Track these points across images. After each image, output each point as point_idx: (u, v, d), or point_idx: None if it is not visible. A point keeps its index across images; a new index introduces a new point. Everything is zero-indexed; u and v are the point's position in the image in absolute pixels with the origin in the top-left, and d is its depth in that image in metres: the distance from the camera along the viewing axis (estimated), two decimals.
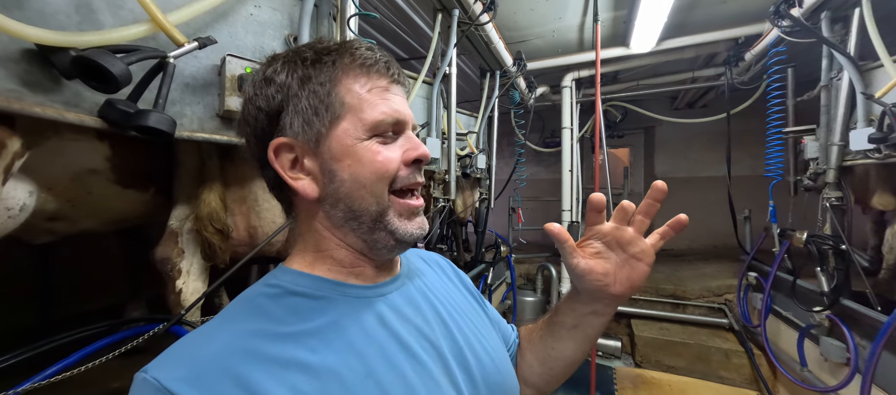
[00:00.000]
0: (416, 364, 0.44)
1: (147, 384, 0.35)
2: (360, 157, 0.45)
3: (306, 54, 0.46)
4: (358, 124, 0.45)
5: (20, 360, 0.82)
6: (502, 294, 3.73)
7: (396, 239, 0.47)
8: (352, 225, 0.47)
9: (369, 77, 0.46)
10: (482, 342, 0.54)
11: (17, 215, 0.75)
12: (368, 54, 0.47)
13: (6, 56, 0.61)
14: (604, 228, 0.53)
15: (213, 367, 0.36)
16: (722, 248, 4.58)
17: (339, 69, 0.46)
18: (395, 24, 2.73)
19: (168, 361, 0.38)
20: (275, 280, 0.47)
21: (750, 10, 2.66)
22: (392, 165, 0.46)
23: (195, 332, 0.42)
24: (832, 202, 2.00)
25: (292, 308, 0.44)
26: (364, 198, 0.45)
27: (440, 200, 2.22)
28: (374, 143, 0.45)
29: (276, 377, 0.37)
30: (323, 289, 0.46)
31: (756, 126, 3.23)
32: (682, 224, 0.50)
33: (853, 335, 1.83)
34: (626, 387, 2.81)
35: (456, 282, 0.65)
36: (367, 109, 0.45)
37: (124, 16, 0.76)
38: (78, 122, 0.69)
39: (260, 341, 0.39)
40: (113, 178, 0.92)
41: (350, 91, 0.46)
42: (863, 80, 1.83)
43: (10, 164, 0.66)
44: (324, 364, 0.39)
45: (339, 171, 0.45)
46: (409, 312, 0.49)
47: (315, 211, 0.48)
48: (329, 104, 0.45)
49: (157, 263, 1.05)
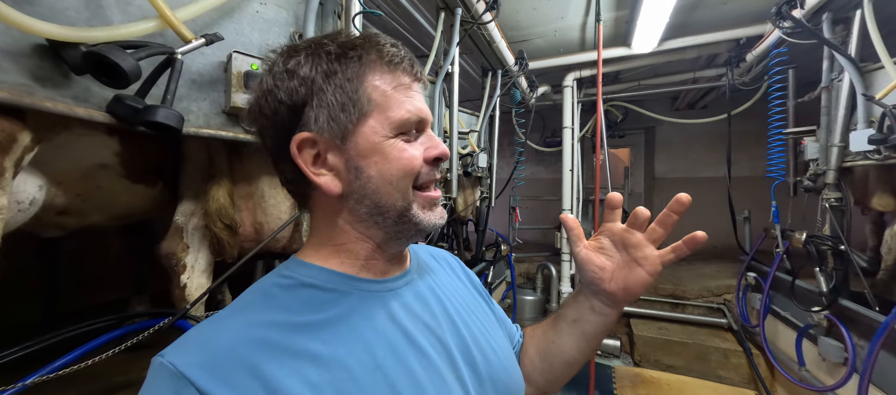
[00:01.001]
0: (424, 359, 0.45)
1: (164, 369, 0.36)
2: (388, 154, 0.45)
3: (329, 48, 0.45)
4: (385, 122, 0.45)
5: (28, 353, 0.83)
6: (502, 293, 3.74)
7: (419, 229, 0.48)
8: (376, 220, 0.47)
9: (395, 75, 0.47)
10: (489, 340, 0.54)
11: (27, 209, 0.76)
12: (394, 52, 0.47)
13: (17, 51, 0.62)
14: (615, 227, 0.55)
15: (228, 355, 0.37)
16: (721, 248, 4.59)
17: (366, 65, 0.45)
18: (398, 22, 2.73)
19: (184, 347, 0.39)
20: (288, 272, 0.47)
21: (751, 11, 2.67)
22: (417, 162, 0.46)
23: (211, 319, 0.42)
24: (831, 203, 2.01)
25: (305, 300, 0.44)
26: (390, 194, 0.46)
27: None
28: (400, 141, 0.46)
29: (288, 368, 0.38)
30: (335, 282, 0.47)
31: (755, 127, 3.24)
32: (697, 242, 0.50)
33: (851, 334, 1.84)
34: (624, 386, 2.82)
35: (464, 280, 0.65)
36: (393, 106, 0.45)
37: (133, 12, 0.76)
38: (87, 117, 0.69)
39: (273, 331, 0.40)
40: (122, 173, 0.93)
41: (376, 88, 0.45)
42: (863, 81, 1.83)
43: (20, 158, 0.66)
44: (334, 356, 0.40)
45: (366, 167, 0.45)
46: (418, 308, 0.50)
47: (337, 206, 0.48)
48: (357, 101, 0.45)
49: (163, 257, 1.05)
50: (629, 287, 0.54)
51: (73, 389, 1.13)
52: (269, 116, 0.46)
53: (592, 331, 0.59)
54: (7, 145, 0.63)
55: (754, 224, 3.19)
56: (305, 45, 0.47)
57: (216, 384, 0.35)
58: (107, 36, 0.67)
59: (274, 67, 0.46)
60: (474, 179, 2.93)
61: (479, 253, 3.00)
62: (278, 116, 0.46)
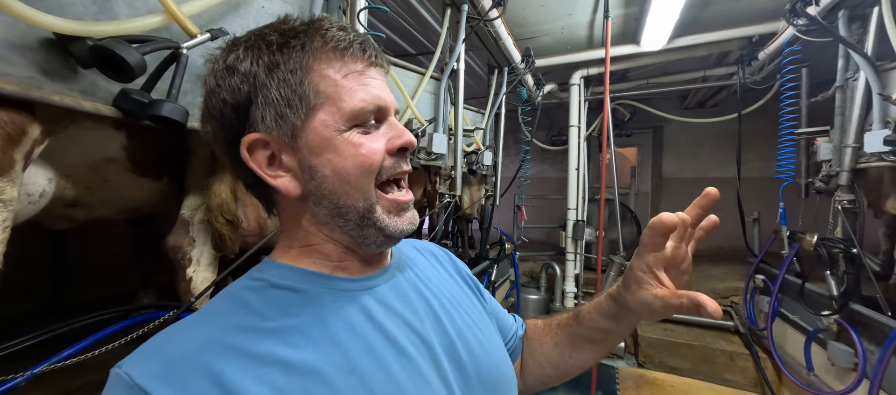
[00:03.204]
0: (403, 359, 0.42)
1: (120, 380, 0.34)
2: (341, 150, 0.41)
3: (271, 38, 0.42)
4: (336, 114, 0.41)
5: (37, 342, 0.84)
6: (506, 291, 3.73)
7: (386, 235, 0.45)
8: (338, 222, 0.44)
9: (344, 61, 0.42)
10: (476, 333, 0.52)
11: (37, 201, 0.77)
12: (341, 35, 0.42)
13: (26, 45, 0.63)
14: (662, 256, 0.47)
15: (188, 363, 0.35)
16: (729, 250, 4.53)
17: (310, 53, 0.41)
18: (404, 18, 2.72)
19: (143, 356, 0.37)
20: (259, 274, 0.45)
21: (764, 8, 2.61)
22: (376, 156, 0.43)
23: (174, 326, 0.40)
24: (844, 205, 1.96)
25: (275, 302, 0.42)
26: (349, 194, 0.42)
27: (446, 195, 2.23)
28: (355, 133, 0.42)
29: (252, 374, 0.36)
30: (307, 282, 0.44)
31: (766, 127, 3.18)
32: (713, 224, 0.48)
33: (862, 339, 1.80)
34: (628, 387, 2.80)
35: (451, 271, 0.62)
36: (345, 96, 0.41)
37: (139, 6, 0.77)
38: (94, 110, 0.70)
39: (239, 335, 0.38)
40: (128, 166, 0.94)
41: (324, 78, 0.41)
42: (880, 80, 1.78)
43: (30, 150, 0.68)
44: (304, 361, 0.38)
45: (319, 166, 0.42)
46: (398, 305, 0.47)
47: (299, 208, 0.45)
48: (303, 94, 0.41)
49: (169, 251, 1.07)
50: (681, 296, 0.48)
51: (80, 378, 1.15)
52: (217, 118, 0.43)
53: (617, 342, 0.59)
54: (17, 137, 0.64)
55: (764, 226, 3.14)
56: (246, 36, 0.43)
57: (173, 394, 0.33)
58: (113, 30, 0.68)
59: (216, 64, 0.43)
60: (480, 176, 2.93)
61: (482, 251, 3.00)
62: (225, 117, 0.42)
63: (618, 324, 0.54)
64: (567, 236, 3.59)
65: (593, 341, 0.58)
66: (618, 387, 2.83)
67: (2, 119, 0.60)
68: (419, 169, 2.07)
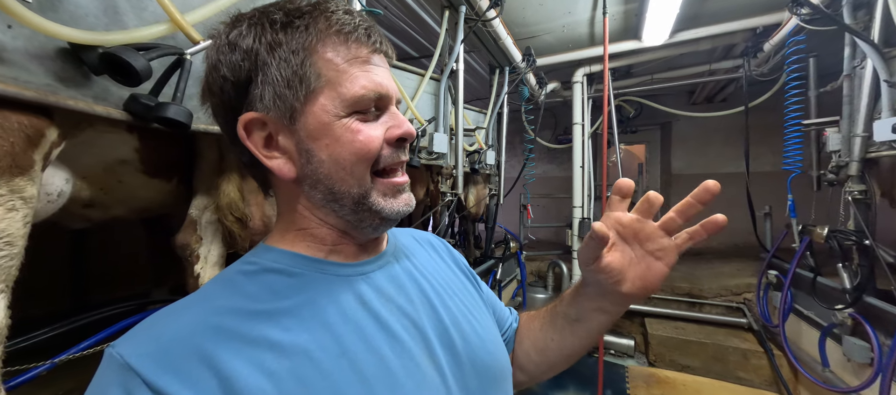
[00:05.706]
0: (396, 344, 0.42)
1: (112, 360, 0.35)
2: (339, 136, 0.41)
3: (275, 16, 0.41)
4: (336, 100, 0.41)
5: (57, 333, 0.90)
6: (513, 291, 3.73)
7: (382, 218, 0.45)
8: (333, 207, 0.44)
9: (348, 46, 0.42)
10: (471, 321, 0.51)
11: (56, 201, 0.83)
12: (346, 19, 0.42)
13: (43, 54, 0.68)
14: (624, 218, 0.47)
15: (180, 344, 0.35)
16: (742, 246, 4.43)
17: (314, 35, 0.41)
18: (404, 21, 2.77)
19: (135, 336, 0.37)
20: (254, 257, 0.45)
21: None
22: (374, 144, 0.42)
23: (167, 308, 0.40)
24: (855, 196, 1.92)
25: (268, 286, 0.42)
26: (344, 180, 0.42)
27: (447, 193, 2.25)
28: (354, 120, 0.42)
29: (243, 356, 0.36)
30: (301, 266, 0.44)
31: (777, 121, 3.10)
32: (717, 226, 0.44)
33: (877, 333, 1.75)
34: (638, 386, 2.76)
35: (448, 261, 0.63)
36: (346, 82, 0.41)
37: (147, 17, 0.82)
38: (105, 114, 0.75)
39: (231, 318, 0.38)
40: (141, 168, 0.99)
41: (327, 62, 0.41)
42: (887, 68, 1.75)
43: (48, 152, 0.73)
44: (295, 343, 0.38)
45: (316, 151, 0.41)
46: (392, 291, 0.47)
47: (294, 191, 0.45)
48: (303, 76, 0.40)
49: (178, 248, 1.12)
50: (647, 285, 0.47)
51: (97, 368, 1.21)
52: (217, 94, 0.43)
53: (598, 328, 0.55)
54: (36, 140, 0.70)
55: (777, 221, 3.07)
56: (251, 13, 0.43)
57: (164, 374, 0.33)
58: (122, 39, 0.73)
59: (218, 38, 0.43)
60: (485, 176, 2.94)
61: (487, 250, 3.01)
62: (225, 94, 0.42)
63: (585, 298, 0.54)
64: (573, 235, 3.57)
65: (570, 318, 0.57)
66: (628, 386, 2.79)
67: (22, 123, 0.65)
68: (421, 168, 2.11)
